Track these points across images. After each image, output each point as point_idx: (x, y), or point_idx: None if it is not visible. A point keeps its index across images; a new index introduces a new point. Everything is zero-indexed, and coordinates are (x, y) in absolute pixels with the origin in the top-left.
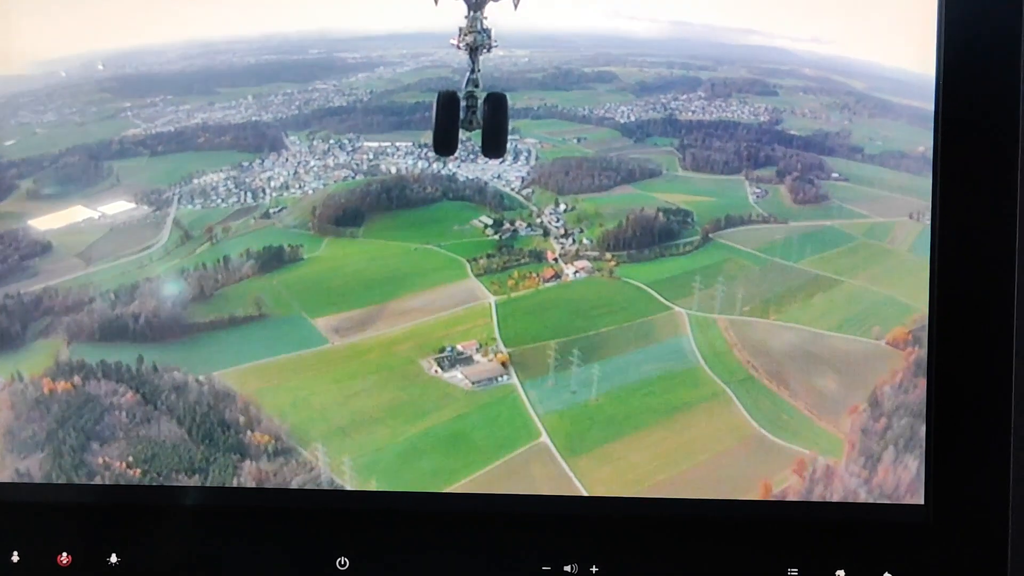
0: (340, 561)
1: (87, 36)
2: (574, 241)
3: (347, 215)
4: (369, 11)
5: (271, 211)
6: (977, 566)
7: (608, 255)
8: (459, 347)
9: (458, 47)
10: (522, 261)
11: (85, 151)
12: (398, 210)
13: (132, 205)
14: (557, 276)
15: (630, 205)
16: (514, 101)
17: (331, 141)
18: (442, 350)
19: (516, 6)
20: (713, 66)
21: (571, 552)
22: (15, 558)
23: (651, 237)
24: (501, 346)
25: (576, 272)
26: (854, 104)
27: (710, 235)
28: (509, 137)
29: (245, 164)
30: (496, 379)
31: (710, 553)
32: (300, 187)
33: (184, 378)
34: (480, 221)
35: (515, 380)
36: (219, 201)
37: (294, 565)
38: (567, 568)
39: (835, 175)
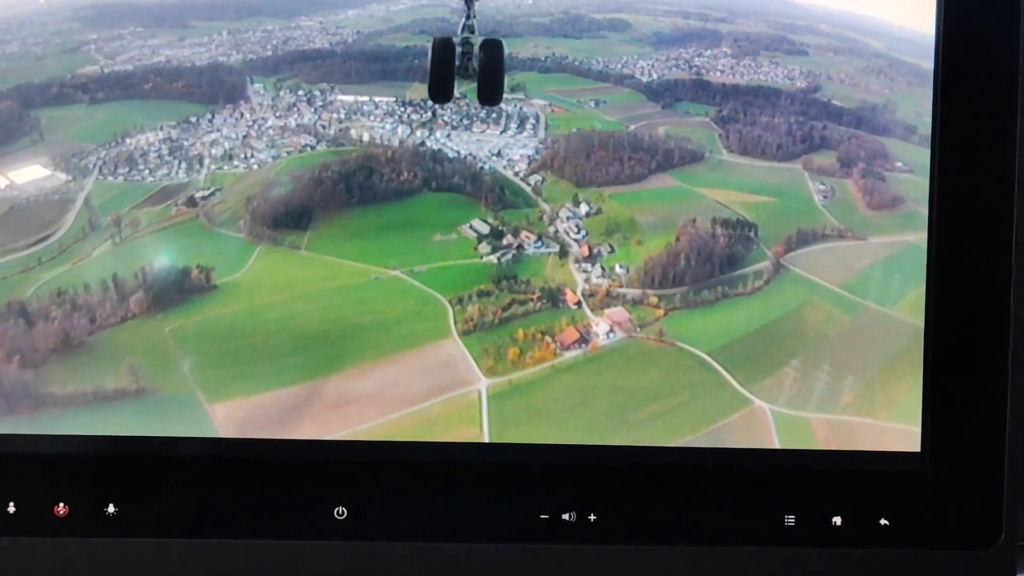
0: (338, 511)
1: None
2: (604, 271)
3: (292, 211)
4: None
5: (200, 195)
6: (974, 513)
7: (653, 296)
8: None
9: None
10: (530, 307)
11: (19, 95)
12: (362, 205)
13: (46, 172)
14: (583, 340)
15: (673, 207)
16: (517, 49)
17: (300, 92)
18: None
19: None
20: (730, 18)
21: (568, 501)
22: (11, 508)
23: (709, 265)
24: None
25: (609, 331)
26: (887, 68)
27: (782, 260)
28: (512, 96)
29: (193, 119)
30: None
31: (707, 501)
32: (246, 158)
33: None
34: (472, 228)
35: None
36: (146, 172)
37: (291, 514)
38: (565, 516)
39: (899, 164)
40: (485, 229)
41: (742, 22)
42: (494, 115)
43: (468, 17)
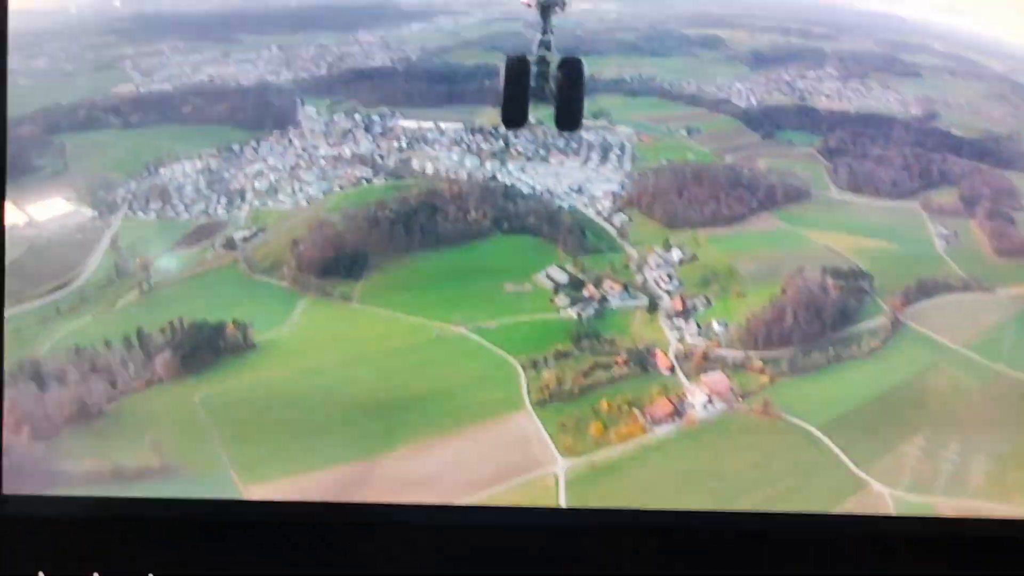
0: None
1: None
2: (700, 328)
3: (344, 256)
4: None
5: (240, 235)
6: None
7: (756, 360)
8: None
9: (528, 5)
10: (615, 372)
11: (43, 119)
12: (423, 250)
13: (69, 207)
14: (677, 412)
15: (778, 252)
16: (600, 69)
17: (356, 117)
18: None
19: None
20: (834, 34)
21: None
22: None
23: (819, 323)
24: None
25: (708, 402)
26: (1010, 94)
27: (900, 316)
28: (595, 124)
29: (236, 147)
30: None
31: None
32: (294, 192)
33: None
34: (548, 277)
35: None
36: (181, 208)
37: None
38: None
39: None
40: (563, 278)
41: (847, 39)
42: (573, 144)
43: (544, 33)
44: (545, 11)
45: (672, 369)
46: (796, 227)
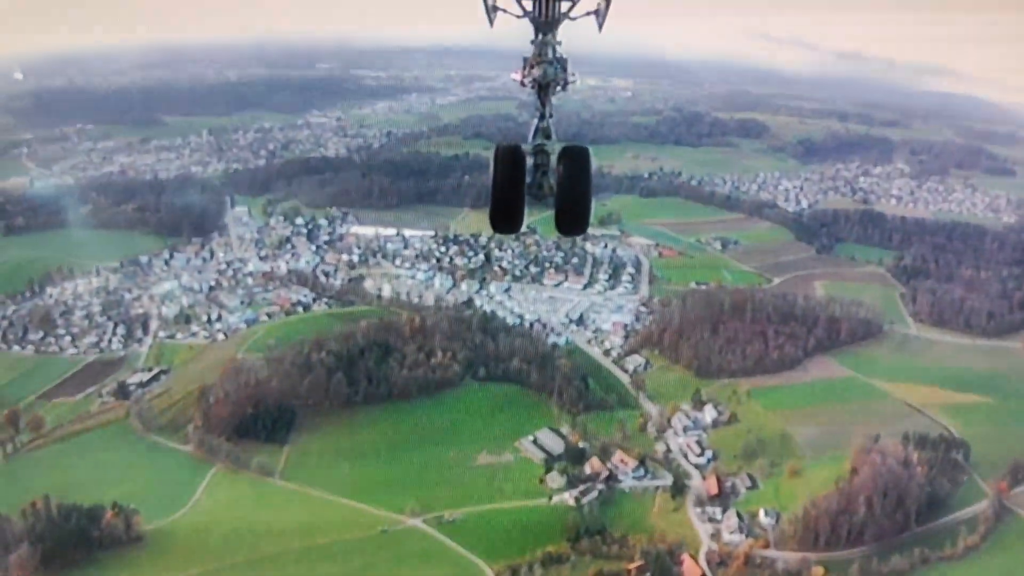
0: None
1: (11, 28)
2: (741, 520)
3: (264, 414)
4: (407, 14)
5: (136, 381)
6: None
7: (816, 564)
8: None
9: (522, 83)
10: None
11: None
12: (368, 405)
13: None
14: None
15: (844, 411)
16: (611, 160)
17: (299, 220)
18: None
19: (601, 27)
20: (903, 121)
21: None
22: None
23: (902, 513)
24: None
25: None
26: None
27: (1006, 501)
28: (604, 233)
29: (143, 259)
30: None
31: None
32: (210, 322)
33: None
34: (538, 443)
35: None
36: (67, 340)
37: None
38: None
39: None
40: (558, 446)
41: (920, 127)
42: (575, 260)
43: (542, 117)
44: (543, 90)
45: None
46: (865, 375)
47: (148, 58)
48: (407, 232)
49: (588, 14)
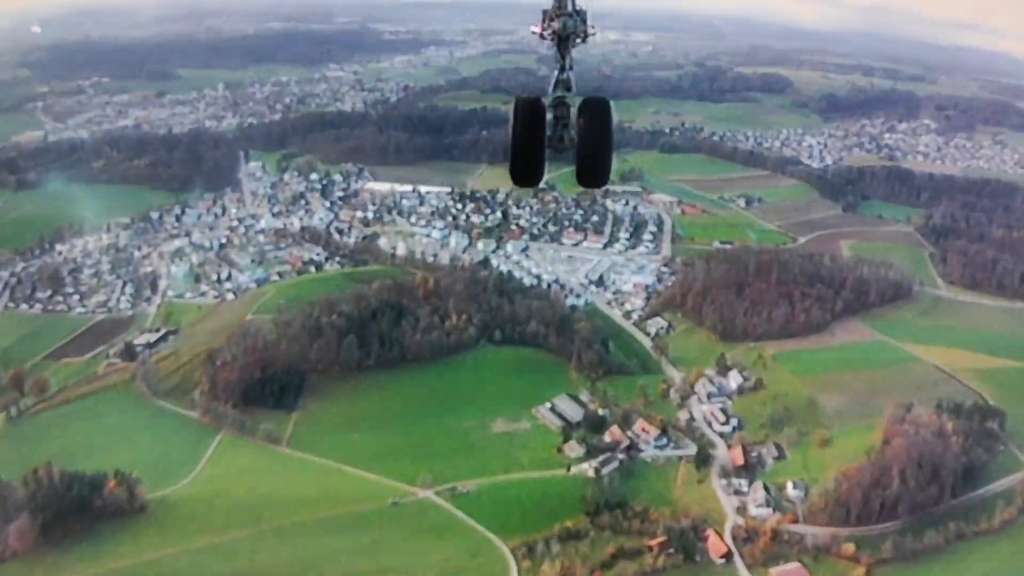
0: None
1: None
2: (768, 493)
3: (273, 378)
4: None
5: (144, 342)
6: None
7: (848, 540)
8: None
9: (541, 36)
10: (646, 564)
11: None
12: (381, 370)
13: None
14: None
15: (875, 376)
16: (632, 115)
17: (313, 175)
18: None
19: None
20: (929, 76)
21: None
22: None
23: (936, 486)
24: None
25: None
26: None
27: None
28: (624, 189)
29: (154, 215)
30: None
31: None
32: (219, 280)
33: None
34: (556, 411)
35: None
36: (75, 299)
37: None
38: None
39: None
40: (577, 413)
41: (946, 82)
42: (595, 217)
43: (562, 70)
44: (563, 42)
45: (728, 556)
46: (895, 339)
47: (166, 12)
48: (423, 188)
49: None
